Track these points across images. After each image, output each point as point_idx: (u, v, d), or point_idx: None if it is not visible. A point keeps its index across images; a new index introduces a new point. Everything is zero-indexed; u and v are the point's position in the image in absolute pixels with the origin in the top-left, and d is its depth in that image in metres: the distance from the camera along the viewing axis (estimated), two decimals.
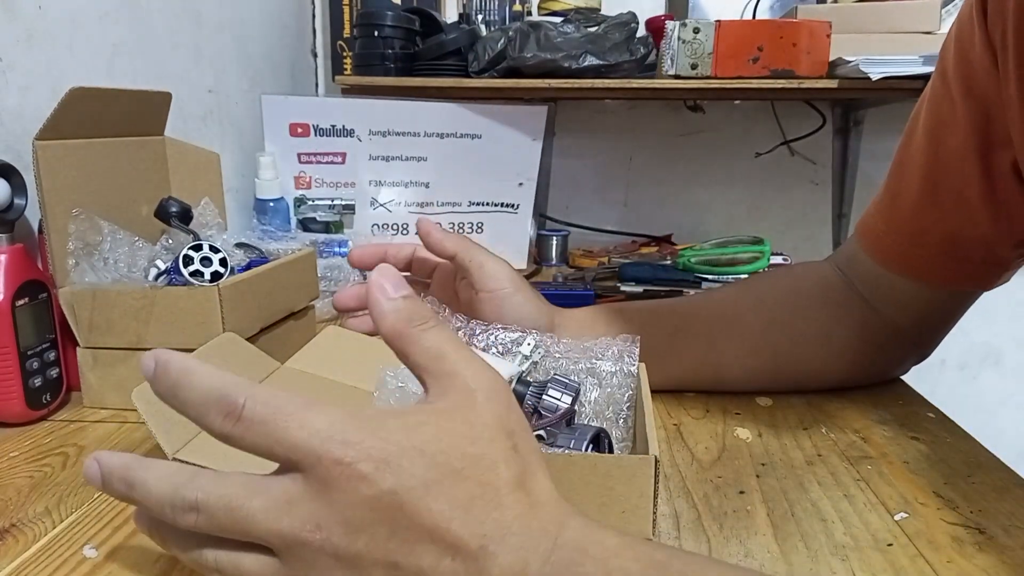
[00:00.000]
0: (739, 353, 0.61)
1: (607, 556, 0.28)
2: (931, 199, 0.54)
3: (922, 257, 0.56)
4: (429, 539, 0.28)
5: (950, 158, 0.52)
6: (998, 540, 0.40)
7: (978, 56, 0.49)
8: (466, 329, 0.50)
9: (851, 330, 0.60)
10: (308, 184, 1.10)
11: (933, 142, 0.54)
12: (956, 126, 0.52)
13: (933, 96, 0.55)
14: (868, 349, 0.61)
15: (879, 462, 0.50)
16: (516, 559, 0.28)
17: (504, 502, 0.29)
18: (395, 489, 0.28)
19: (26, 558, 0.38)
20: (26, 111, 0.64)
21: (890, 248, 0.58)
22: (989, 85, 0.49)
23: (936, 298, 0.58)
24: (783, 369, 0.61)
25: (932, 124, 0.54)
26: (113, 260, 0.58)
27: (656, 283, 0.93)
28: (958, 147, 0.52)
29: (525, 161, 1.19)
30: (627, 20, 1.11)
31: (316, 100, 1.32)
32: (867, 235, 0.60)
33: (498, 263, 0.60)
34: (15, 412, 0.55)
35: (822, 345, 0.61)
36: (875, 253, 0.59)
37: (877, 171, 1.41)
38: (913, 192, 0.55)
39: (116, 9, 0.78)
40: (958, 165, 0.52)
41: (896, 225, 0.57)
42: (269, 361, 0.56)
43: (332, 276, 0.91)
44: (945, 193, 0.53)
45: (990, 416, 1.51)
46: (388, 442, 0.28)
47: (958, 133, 0.51)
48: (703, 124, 1.43)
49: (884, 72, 0.98)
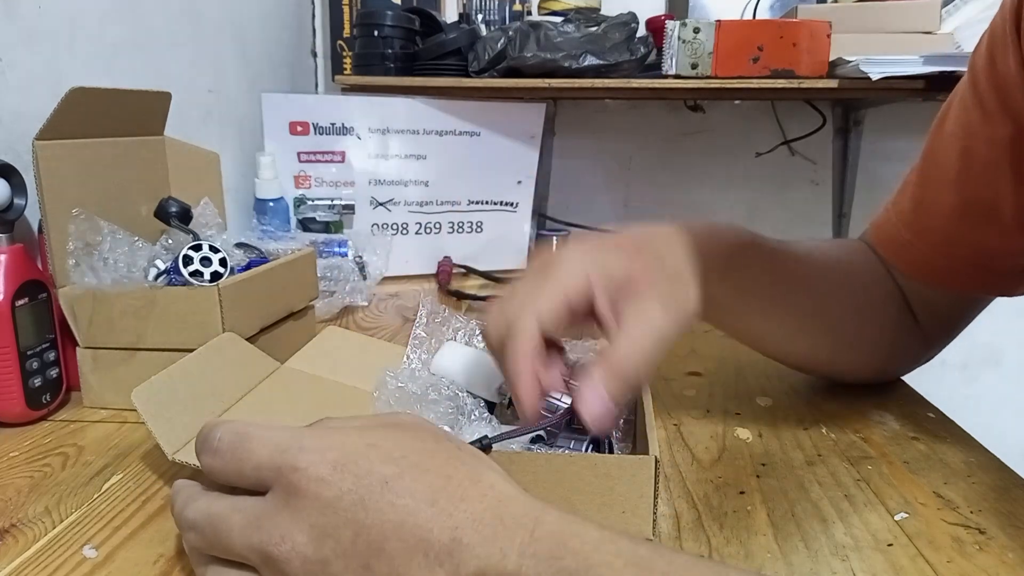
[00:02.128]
0: (802, 319, 0.58)
1: (587, 550, 0.27)
2: (962, 212, 0.53)
3: (949, 268, 0.55)
4: (396, 536, 0.27)
5: (982, 171, 0.52)
6: (998, 540, 0.40)
7: (1012, 73, 0.49)
8: (466, 329, 0.50)
9: (889, 323, 0.59)
10: (308, 184, 1.10)
11: (965, 155, 0.53)
12: (989, 139, 0.51)
13: (963, 106, 0.53)
14: (895, 344, 0.60)
15: (879, 462, 0.50)
16: (493, 550, 0.27)
17: (469, 494, 0.28)
18: (354, 488, 0.28)
19: (26, 558, 0.38)
20: (26, 111, 0.64)
21: (916, 258, 0.57)
22: (1022, 102, 0.48)
23: (955, 302, 0.58)
24: (827, 346, 0.59)
25: (963, 135, 0.53)
26: (113, 260, 0.58)
27: None
28: (991, 160, 0.51)
29: (524, 159, 1.19)
30: (627, 20, 1.11)
31: (316, 97, 1.32)
32: (889, 243, 0.59)
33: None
34: (15, 412, 0.55)
35: (868, 335, 0.59)
36: (898, 262, 0.58)
37: (877, 171, 1.41)
38: (944, 204, 0.54)
39: (116, 9, 0.78)
40: (991, 179, 0.51)
41: (923, 236, 0.56)
42: (269, 361, 0.56)
43: (332, 276, 0.91)
44: (977, 207, 0.52)
45: (990, 416, 1.51)
46: (344, 445, 0.29)
47: (991, 146, 0.51)
48: (703, 124, 1.43)
49: (884, 72, 0.98)
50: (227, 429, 0.31)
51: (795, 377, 0.65)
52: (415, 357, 0.48)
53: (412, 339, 0.49)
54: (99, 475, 0.48)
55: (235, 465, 0.30)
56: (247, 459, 0.30)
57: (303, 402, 0.53)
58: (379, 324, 0.84)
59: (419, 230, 1.16)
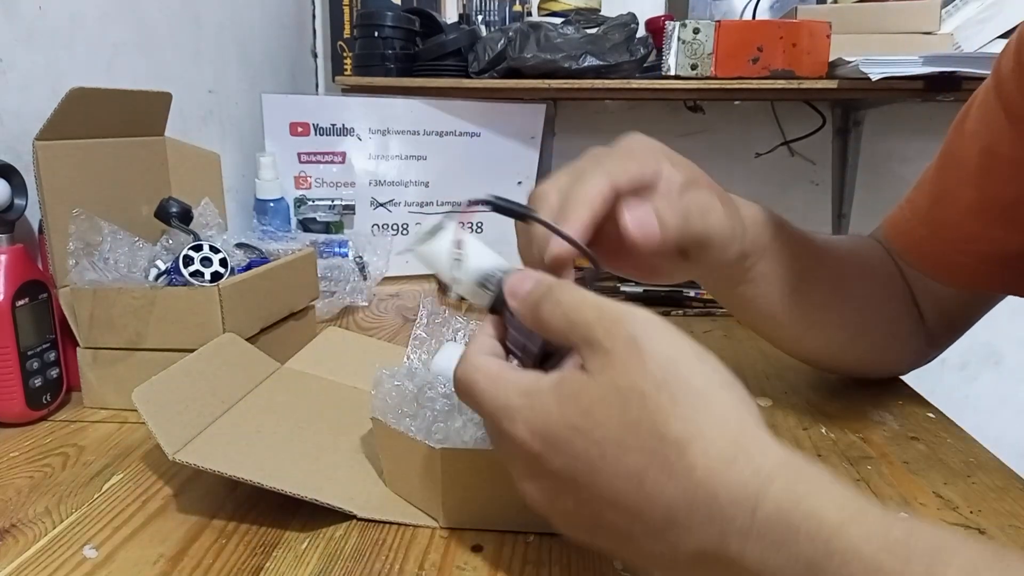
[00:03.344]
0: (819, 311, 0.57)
1: (826, 534, 0.24)
2: (980, 208, 0.53)
3: (964, 264, 0.55)
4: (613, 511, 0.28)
5: (1004, 171, 0.51)
6: (998, 540, 0.40)
7: None
8: (466, 330, 0.50)
9: (901, 319, 0.59)
10: (308, 184, 1.10)
11: (986, 154, 0.52)
12: (1014, 141, 0.51)
13: (985, 108, 0.53)
14: (904, 341, 0.60)
15: (879, 462, 0.50)
16: (711, 532, 0.26)
17: (676, 468, 0.26)
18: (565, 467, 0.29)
19: (26, 558, 0.38)
20: (26, 111, 0.64)
21: (931, 254, 0.57)
22: None
23: (964, 301, 0.58)
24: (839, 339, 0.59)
25: (985, 134, 0.53)
26: (113, 260, 0.58)
27: (656, 283, 0.93)
28: (1013, 161, 0.51)
29: (524, 160, 1.19)
30: (627, 21, 1.11)
31: (316, 98, 1.33)
32: (902, 238, 0.59)
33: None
34: (15, 412, 0.55)
35: (882, 329, 0.59)
36: (912, 257, 0.58)
37: (877, 171, 1.41)
38: (962, 201, 0.54)
39: (116, 9, 0.78)
40: (1013, 179, 0.51)
41: (940, 232, 0.56)
42: (269, 361, 0.56)
43: (332, 276, 0.91)
44: (997, 205, 0.52)
45: (990, 416, 1.51)
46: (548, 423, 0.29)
47: (1017, 147, 0.50)
48: (703, 124, 1.43)
49: (884, 72, 0.98)
50: None
51: (795, 377, 0.65)
52: (415, 358, 0.48)
53: (412, 339, 0.49)
54: (99, 475, 0.48)
55: None
56: None
57: (303, 403, 0.53)
58: (379, 324, 0.84)
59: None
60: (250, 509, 0.43)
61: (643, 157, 0.40)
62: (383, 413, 0.43)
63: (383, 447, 0.44)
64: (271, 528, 0.41)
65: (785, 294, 0.54)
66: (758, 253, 0.50)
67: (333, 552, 0.39)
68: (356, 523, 0.41)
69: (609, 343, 0.29)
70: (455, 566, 0.38)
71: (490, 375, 0.32)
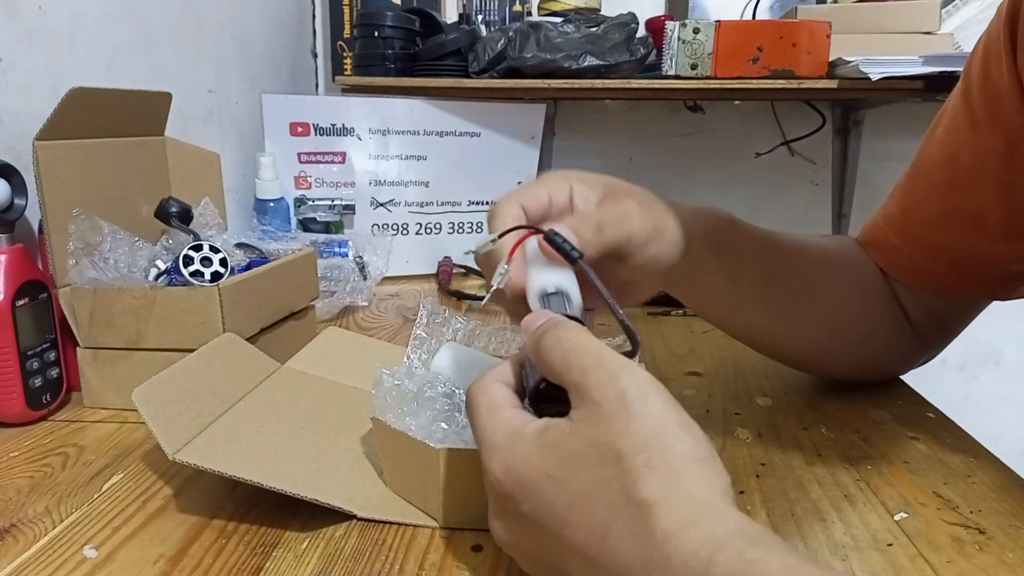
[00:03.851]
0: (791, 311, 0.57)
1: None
2: (946, 220, 0.53)
3: (939, 273, 0.55)
4: (576, 560, 0.29)
5: (966, 180, 0.51)
6: (998, 540, 0.40)
7: (1005, 83, 0.48)
8: (466, 330, 0.50)
9: (881, 319, 0.59)
10: (308, 184, 1.10)
11: (950, 164, 0.52)
12: (975, 149, 0.51)
13: (953, 115, 0.53)
14: (888, 341, 0.60)
15: (879, 462, 0.50)
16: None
17: (638, 530, 0.28)
18: (531, 513, 0.30)
19: (26, 558, 0.38)
20: (26, 111, 0.64)
21: (904, 263, 0.57)
22: (1014, 113, 0.48)
23: (948, 305, 0.58)
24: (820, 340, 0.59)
25: (950, 143, 0.53)
26: (113, 260, 0.58)
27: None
28: (975, 171, 0.51)
29: (524, 159, 1.19)
30: (627, 20, 1.11)
31: (316, 98, 1.32)
32: (878, 247, 0.59)
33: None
34: (15, 412, 0.55)
35: (860, 329, 0.59)
36: (888, 267, 0.58)
37: (877, 171, 1.41)
38: (931, 211, 0.54)
39: (116, 9, 0.78)
40: (974, 189, 0.51)
41: (911, 241, 0.56)
42: (269, 361, 0.56)
43: (332, 276, 0.91)
44: (961, 216, 0.52)
45: (990, 416, 1.51)
46: (525, 469, 0.31)
47: (977, 157, 0.50)
48: (703, 124, 1.43)
49: (884, 72, 0.98)
50: None
51: (795, 377, 0.65)
52: (415, 357, 0.48)
53: (412, 339, 0.49)
54: (99, 475, 0.48)
55: None
56: None
57: (303, 403, 0.53)
58: (379, 324, 0.84)
59: (419, 230, 1.16)
60: (250, 509, 0.43)
61: (551, 183, 0.43)
62: (383, 413, 0.43)
63: (383, 447, 0.44)
64: (271, 528, 0.41)
65: (755, 294, 0.54)
66: (712, 250, 0.50)
67: (333, 552, 0.39)
68: (356, 523, 0.41)
69: (599, 395, 0.30)
70: (455, 566, 0.38)
71: (491, 405, 0.33)
